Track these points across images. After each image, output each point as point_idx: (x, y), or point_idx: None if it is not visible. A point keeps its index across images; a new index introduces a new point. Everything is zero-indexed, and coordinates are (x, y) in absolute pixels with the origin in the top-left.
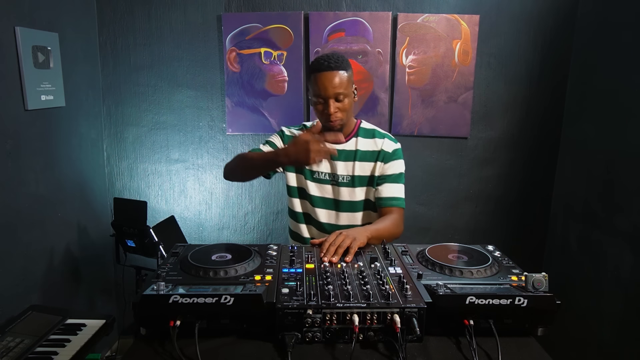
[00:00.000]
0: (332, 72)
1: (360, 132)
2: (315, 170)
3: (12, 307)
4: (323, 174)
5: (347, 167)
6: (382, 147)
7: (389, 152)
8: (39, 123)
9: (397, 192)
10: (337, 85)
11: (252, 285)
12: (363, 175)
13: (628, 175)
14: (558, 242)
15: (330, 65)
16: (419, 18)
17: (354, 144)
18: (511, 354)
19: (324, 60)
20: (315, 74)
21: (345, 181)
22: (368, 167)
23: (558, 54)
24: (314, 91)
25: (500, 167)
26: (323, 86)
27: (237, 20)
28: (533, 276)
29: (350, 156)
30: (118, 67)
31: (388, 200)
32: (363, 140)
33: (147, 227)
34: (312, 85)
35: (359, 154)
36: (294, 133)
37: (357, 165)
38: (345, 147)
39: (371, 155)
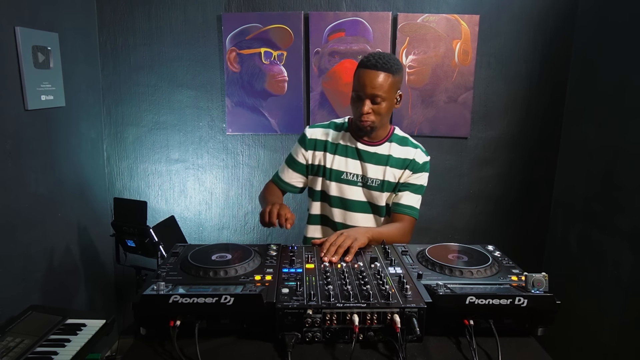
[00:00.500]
0: (376, 71)
1: (394, 138)
2: (343, 170)
3: (12, 307)
4: (352, 175)
5: (377, 171)
6: (414, 157)
7: (419, 164)
8: (39, 123)
9: (414, 202)
10: (377, 87)
11: (252, 285)
12: (392, 182)
13: (628, 175)
14: (558, 242)
15: (376, 64)
16: (419, 18)
17: (387, 149)
18: (511, 354)
19: (372, 57)
20: (360, 69)
21: (374, 185)
22: (397, 173)
23: (558, 54)
24: (354, 85)
25: (500, 167)
26: (362, 83)
27: (237, 20)
28: (533, 276)
29: (382, 160)
30: (118, 67)
31: (404, 208)
32: (396, 147)
33: (147, 227)
34: (354, 79)
35: (392, 159)
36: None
37: (388, 170)
38: (378, 151)
39: (402, 163)
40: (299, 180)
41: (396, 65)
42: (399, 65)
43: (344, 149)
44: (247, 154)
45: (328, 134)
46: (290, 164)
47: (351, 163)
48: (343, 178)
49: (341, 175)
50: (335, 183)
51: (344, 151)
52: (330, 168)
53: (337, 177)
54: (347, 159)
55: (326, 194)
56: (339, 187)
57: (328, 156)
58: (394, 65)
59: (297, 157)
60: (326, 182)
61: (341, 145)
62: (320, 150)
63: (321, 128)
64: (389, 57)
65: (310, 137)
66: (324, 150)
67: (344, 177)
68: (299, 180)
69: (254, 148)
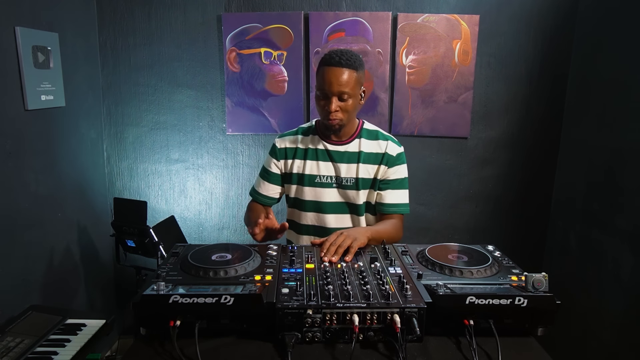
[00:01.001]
0: (340, 68)
1: (363, 133)
2: (316, 174)
3: (12, 307)
4: (325, 177)
5: (350, 169)
6: (387, 150)
7: (393, 156)
8: (39, 123)
9: (400, 199)
10: (343, 84)
11: (252, 285)
12: (367, 178)
13: (628, 175)
14: (558, 242)
15: (340, 61)
16: (419, 18)
17: (357, 146)
18: (511, 354)
19: (335, 55)
20: (323, 68)
21: (349, 184)
22: (372, 169)
23: (558, 54)
24: (318, 84)
25: (500, 167)
26: (328, 81)
27: (237, 20)
28: (533, 276)
29: (353, 158)
30: (118, 67)
31: (390, 207)
32: (366, 142)
33: (147, 227)
34: (318, 78)
35: (363, 155)
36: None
37: (361, 167)
38: (348, 149)
39: (375, 158)
40: (276, 191)
41: (359, 61)
42: (361, 62)
43: (313, 152)
44: (247, 154)
45: (297, 140)
46: (265, 176)
47: (323, 165)
48: (317, 182)
49: (315, 179)
50: (309, 188)
51: (314, 155)
52: (303, 173)
53: (310, 182)
54: (319, 162)
55: (299, 200)
56: (313, 191)
57: (299, 162)
58: (356, 61)
59: (270, 169)
60: (300, 188)
61: (311, 149)
62: (291, 158)
63: (289, 136)
64: (351, 53)
65: (280, 147)
66: (294, 157)
67: (318, 180)
68: (275, 192)
69: (254, 148)
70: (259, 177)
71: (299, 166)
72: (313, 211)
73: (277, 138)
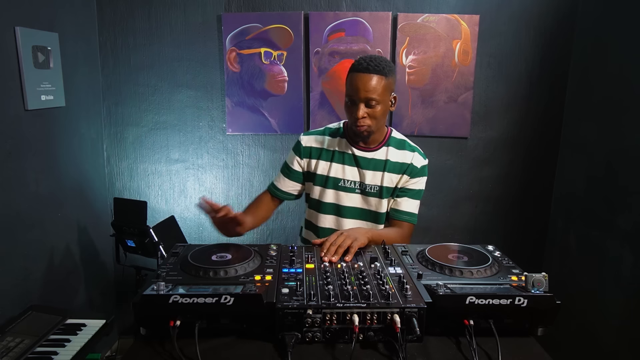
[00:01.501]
0: (369, 74)
1: (392, 141)
2: (341, 178)
3: (12, 307)
4: (349, 182)
5: (375, 177)
6: (412, 161)
7: (417, 168)
8: (39, 123)
9: (413, 208)
10: (371, 90)
11: (252, 285)
12: (390, 187)
13: (628, 174)
14: (558, 242)
15: (369, 67)
16: (419, 18)
17: (385, 154)
18: (511, 354)
19: (364, 60)
20: (352, 74)
21: (373, 191)
22: (395, 178)
23: (558, 54)
24: (347, 90)
25: (500, 167)
26: (356, 87)
27: (237, 20)
28: (533, 276)
29: (379, 166)
30: (118, 67)
31: (403, 214)
32: (394, 151)
33: (147, 227)
34: (347, 84)
35: (389, 164)
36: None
37: (386, 176)
38: (375, 156)
39: (400, 168)
40: (295, 188)
41: (388, 67)
42: (391, 67)
43: (340, 155)
44: (247, 154)
45: (323, 141)
46: (286, 172)
47: (348, 170)
48: (341, 185)
49: (339, 183)
50: (333, 190)
51: (340, 158)
52: (328, 175)
53: (334, 185)
54: (345, 166)
55: (319, 202)
56: (336, 194)
57: (324, 164)
58: (386, 67)
59: (292, 166)
60: (323, 189)
61: (337, 152)
62: (316, 158)
63: (316, 135)
64: (381, 59)
65: (305, 145)
66: (319, 157)
67: (342, 184)
68: (294, 189)
69: (254, 148)
70: (280, 172)
71: (324, 168)
72: (333, 214)
73: (302, 135)
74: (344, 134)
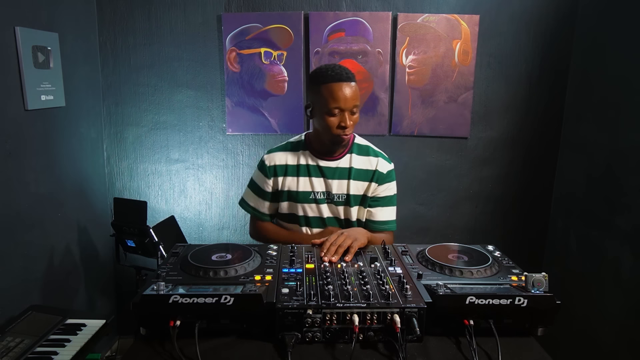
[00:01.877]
0: (349, 82)
1: (355, 148)
2: (310, 190)
3: (12, 307)
4: (319, 193)
5: (341, 186)
6: (377, 168)
7: (383, 174)
8: (39, 123)
9: (388, 216)
10: (356, 97)
11: (252, 285)
12: (357, 195)
13: (628, 174)
14: (558, 242)
15: (348, 76)
16: (419, 18)
17: (348, 161)
18: (511, 354)
19: (340, 70)
20: (333, 84)
21: (340, 200)
22: (362, 186)
23: (558, 54)
24: (331, 102)
25: (500, 167)
26: (343, 97)
27: (237, 20)
28: (533, 276)
29: (344, 174)
30: (118, 67)
31: (380, 225)
32: (357, 158)
33: (147, 227)
34: (327, 95)
35: (353, 172)
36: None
37: (352, 184)
38: (340, 165)
39: (365, 175)
40: (269, 207)
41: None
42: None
43: (305, 168)
44: (247, 154)
45: (287, 156)
46: (263, 195)
47: (316, 181)
48: (311, 198)
49: (309, 196)
50: (303, 204)
51: (306, 171)
52: (296, 190)
53: (304, 198)
54: (312, 178)
55: (292, 215)
56: (307, 207)
57: (292, 179)
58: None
59: (264, 188)
60: (294, 204)
61: (302, 166)
62: (282, 175)
63: (278, 152)
64: (346, 67)
65: (269, 165)
66: (286, 174)
67: (312, 197)
68: (268, 208)
69: (254, 148)
70: (256, 196)
71: (292, 183)
72: (304, 226)
73: (265, 154)
74: (306, 146)
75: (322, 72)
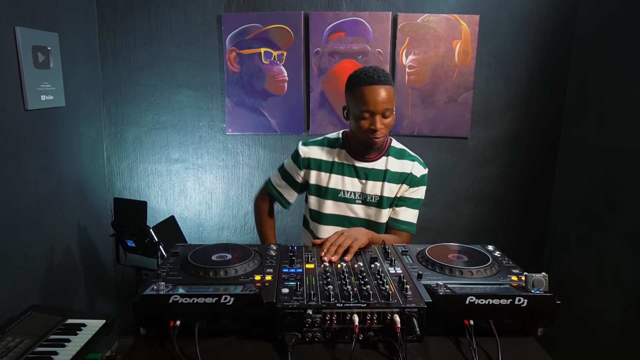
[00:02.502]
0: (383, 86)
1: (391, 151)
2: (340, 189)
3: (12, 307)
4: (350, 193)
5: (375, 187)
6: (412, 171)
7: (416, 177)
8: (39, 123)
9: (412, 218)
10: (388, 101)
11: (252, 285)
12: (390, 197)
13: (628, 174)
14: (558, 242)
15: (381, 79)
16: (419, 18)
17: (384, 164)
18: (511, 354)
19: (373, 73)
20: (365, 87)
21: (373, 201)
22: (395, 188)
23: (558, 54)
24: (362, 105)
25: (500, 167)
26: (374, 100)
27: (237, 20)
28: (533, 276)
29: (379, 176)
30: (118, 67)
31: (402, 224)
32: (393, 161)
33: (147, 227)
34: (359, 98)
35: (389, 174)
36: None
37: (386, 186)
38: (375, 166)
39: (399, 177)
40: (293, 196)
41: (390, 77)
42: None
43: (340, 167)
44: (247, 154)
45: (322, 151)
46: (287, 179)
47: (348, 181)
48: (340, 196)
49: (339, 194)
50: (332, 201)
51: (340, 169)
52: (327, 187)
53: (334, 196)
54: (344, 177)
55: (319, 213)
56: (335, 205)
57: (323, 175)
58: (390, 76)
59: (292, 175)
60: (322, 201)
61: (337, 164)
62: (315, 169)
63: (315, 146)
64: (383, 70)
65: (304, 156)
66: (319, 169)
67: (342, 195)
68: (292, 196)
69: (254, 148)
70: (282, 177)
71: (323, 179)
72: (333, 225)
73: (301, 145)
74: (343, 145)
75: (356, 75)
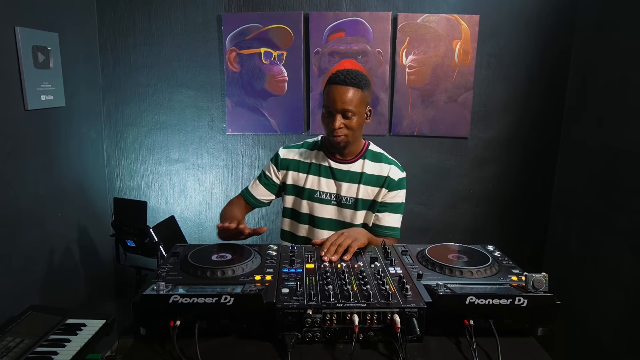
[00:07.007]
0: (345, 87)
1: (368, 154)
2: (316, 189)
3: (12, 307)
4: (325, 194)
5: (350, 189)
6: (389, 174)
7: (394, 180)
8: (39, 123)
9: (395, 223)
10: (347, 101)
11: (252, 285)
12: (366, 199)
13: (628, 174)
14: (558, 242)
15: (345, 79)
16: (419, 18)
17: (360, 166)
18: (511, 354)
19: (340, 73)
20: (330, 86)
21: (348, 203)
22: (372, 191)
23: (558, 54)
24: (324, 102)
25: (500, 167)
26: (333, 99)
27: (237, 20)
28: (533, 276)
29: (355, 178)
30: (118, 67)
31: (386, 230)
32: (370, 164)
33: (147, 227)
34: (324, 96)
35: (365, 177)
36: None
37: (361, 188)
38: (351, 169)
39: (377, 180)
40: (267, 197)
41: (364, 80)
42: (367, 81)
43: (317, 167)
44: (247, 154)
45: (301, 153)
46: (262, 180)
47: (324, 182)
48: (316, 197)
49: (314, 194)
50: (308, 201)
51: (317, 170)
52: (304, 187)
53: (309, 196)
54: (320, 177)
55: (296, 212)
56: (310, 205)
57: (301, 175)
58: (362, 80)
59: (269, 175)
60: (298, 200)
61: (314, 164)
62: (293, 170)
63: (294, 148)
64: (358, 73)
65: (283, 157)
66: (297, 170)
67: (317, 195)
68: (266, 197)
69: (254, 148)
70: (257, 180)
71: (300, 179)
72: (308, 224)
73: (282, 148)
74: (321, 147)
75: (330, 75)
